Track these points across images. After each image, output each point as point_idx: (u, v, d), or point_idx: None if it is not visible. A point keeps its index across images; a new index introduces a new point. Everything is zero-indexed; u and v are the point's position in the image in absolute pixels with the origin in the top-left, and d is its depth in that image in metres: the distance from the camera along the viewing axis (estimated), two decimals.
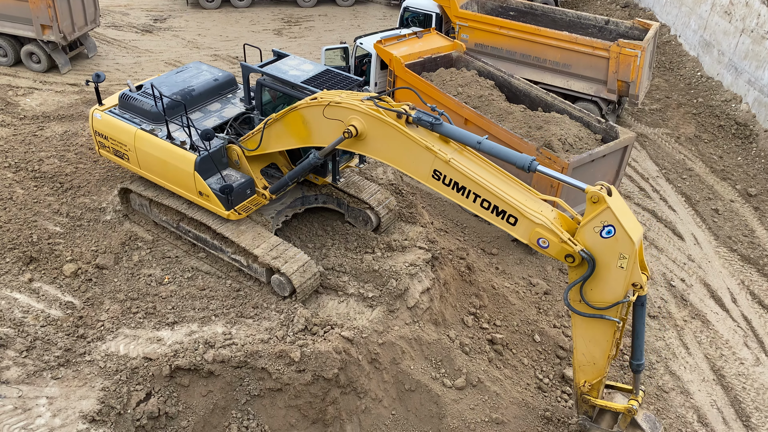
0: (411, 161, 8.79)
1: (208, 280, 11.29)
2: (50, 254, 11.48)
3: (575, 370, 9.00)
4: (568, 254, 7.84)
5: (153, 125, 11.27)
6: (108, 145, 11.87)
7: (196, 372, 9.52)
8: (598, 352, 8.49)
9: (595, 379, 8.81)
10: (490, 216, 8.35)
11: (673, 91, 20.93)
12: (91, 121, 11.90)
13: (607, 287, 7.87)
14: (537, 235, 7.97)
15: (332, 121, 9.32)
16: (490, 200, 8.26)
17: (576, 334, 8.56)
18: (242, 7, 27.46)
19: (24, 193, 12.79)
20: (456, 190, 8.52)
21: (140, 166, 11.52)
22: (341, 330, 10.05)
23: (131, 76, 20.00)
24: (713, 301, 13.48)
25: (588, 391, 9.00)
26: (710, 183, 16.98)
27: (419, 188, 15.79)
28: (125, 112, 11.67)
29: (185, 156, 10.73)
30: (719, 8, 20.86)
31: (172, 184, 11.31)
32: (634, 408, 8.96)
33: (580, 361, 8.75)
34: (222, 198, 10.64)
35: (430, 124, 8.47)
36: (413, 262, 11.49)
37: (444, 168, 8.48)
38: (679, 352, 12.28)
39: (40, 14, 18.14)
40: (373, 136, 9.04)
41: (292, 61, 11.33)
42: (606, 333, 8.26)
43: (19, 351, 9.69)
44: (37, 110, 17.13)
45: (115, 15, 25.39)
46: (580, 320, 8.34)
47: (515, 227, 8.20)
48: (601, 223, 7.54)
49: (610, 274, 7.78)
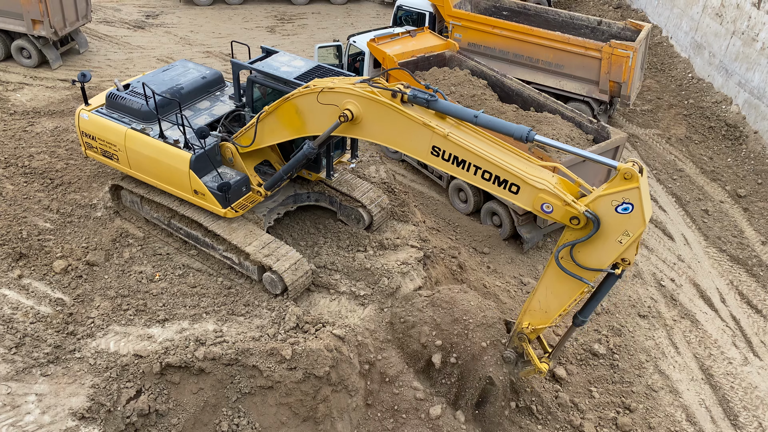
0: (409, 140, 8.79)
1: (200, 277, 11.26)
2: (40, 251, 11.41)
3: (523, 312, 9.12)
4: (573, 216, 7.81)
5: (143, 124, 11.14)
6: (96, 146, 11.64)
7: (186, 369, 9.49)
8: (556, 304, 8.68)
9: (539, 325, 9.01)
10: (492, 187, 8.33)
11: (664, 92, 21.05)
12: (77, 122, 11.65)
13: (597, 255, 7.95)
14: (541, 201, 7.95)
15: (327, 107, 9.28)
16: (491, 171, 8.26)
17: (542, 284, 8.68)
18: (235, 4, 27.36)
19: (14, 189, 12.70)
20: (456, 165, 8.51)
21: (130, 166, 11.37)
22: (333, 328, 10.05)
23: (123, 72, 19.89)
24: (702, 301, 13.59)
25: (528, 333, 9.18)
26: (700, 184, 17.10)
27: (412, 187, 15.82)
28: (113, 111, 11.45)
29: (179, 155, 10.65)
30: (710, 10, 20.99)
31: (164, 184, 11.21)
32: (544, 372, 9.38)
33: (534, 306, 8.92)
34: (219, 196, 10.59)
35: (425, 101, 8.46)
36: (405, 261, 11.51)
37: (442, 143, 8.47)
38: (669, 352, 12.37)
39: (31, 9, 18.00)
40: (369, 118, 9.01)
41: (283, 58, 11.30)
42: (573, 292, 8.42)
43: (8, 348, 9.62)
44: (27, 106, 17.00)
45: (107, 11, 25.24)
46: (554, 274, 8.44)
47: (518, 195, 8.19)
48: (621, 199, 7.53)
49: (606, 244, 7.83)
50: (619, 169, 7.46)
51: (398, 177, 16.00)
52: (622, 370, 11.84)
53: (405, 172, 16.54)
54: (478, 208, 14.87)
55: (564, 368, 11.56)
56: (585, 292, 8.32)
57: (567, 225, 7.94)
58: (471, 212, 14.98)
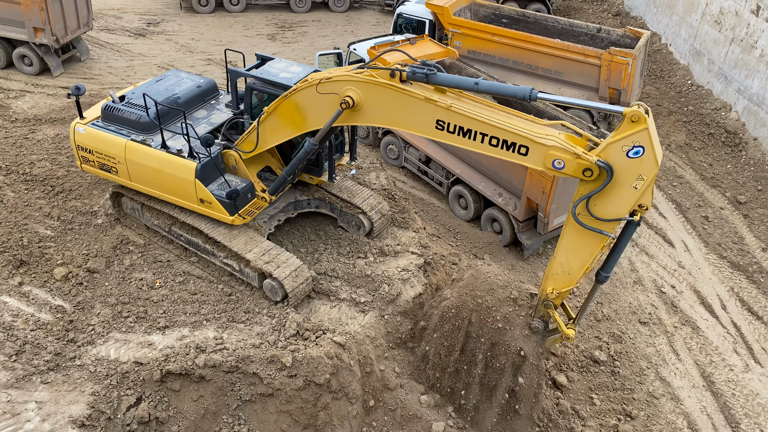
0: (412, 118, 8.78)
1: (200, 284, 11.25)
2: (41, 258, 11.41)
3: (546, 278, 9.02)
4: (585, 168, 7.80)
5: (143, 135, 11.06)
6: (93, 159, 11.47)
7: (187, 377, 9.48)
8: (578, 264, 8.58)
9: (563, 288, 8.89)
10: (501, 152, 8.30)
11: (663, 99, 21.10)
12: (72, 136, 11.47)
13: (614, 204, 7.90)
14: (551, 158, 7.94)
15: (327, 97, 9.29)
16: (498, 136, 8.24)
17: (561, 245, 8.60)
18: (236, 11, 27.48)
19: (15, 196, 12.72)
20: (462, 135, 8.48)
21: (131, 178, 11.27)
22: (333, 335, 10.04)
23: (123, 80, 19.96)
24: (703, 307, 13.57)
25: (553, 299, 9.08)
26: (700, 190, 17.12)
27: (412, 193, 15.83)
28: (110, 124, 11.31)
29: (184, 164, 10.60)
30: (709, 18, 21.07)
31: (168, 194, 11.15)
32: (571, 338, 9.25)
33: (555, 270, 8.82)
34: (227, 204, 10.59)
35: (425, 75, 8.47)
36: (406, 268, 11.51)
37: (446, 115, 8.46)
38: (670, 359, 12.35)
39: (33, 17, 18.09)
40: (371, 102, 9.02)
41: (280, 64, 11.35)
42: (593, 247, 8.32)
43: (8, 355, 9.61)
44: (28, 113, 17.05)
45: (108, 18, 25.34)
46: (572, 232, 8.38)
47: (528, 156, 8.15)
48: (632, 143, 7.52)
49: (621, 192, 7.80)
50: (626, 113, 7.47)
51: (398, 183, 16.02)
52: (623, 377, 11.82)
53: (405, 179, 16.56)
54: (478, 215, 14.88)
55: (565, 375, 11.54)
56: (606, 246, 8.25)
57: (580, 178, 7.92)
58: (471, 219, 14.99)
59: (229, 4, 27.34)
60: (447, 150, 14.98)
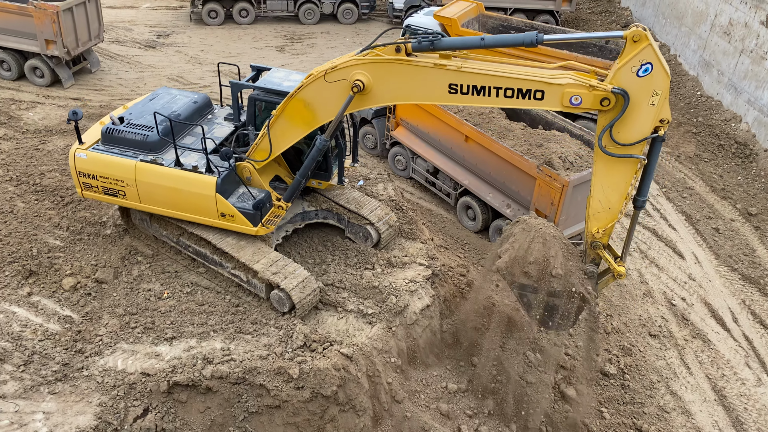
0: (424, 87, 8.92)
1: (208, 295, 11.25)
2: (50, 268, 11.46)
3: (589, 219, 9.14)
4: (603, 98, 8.04)
5: (152, 155, 10.89)
6: (96, 185, 11.14)
7: (194, 388, 9.45)
8: (616, 196, 8.77)
9: (608, 224, 9.01)
10: (518, 102, 8.53)
11: (673, 111, 21.03)
12: (73, 163, 11.06)
13: (636, 125, 8.15)
14: (568, 95, 8.19)
15: (336, 86, 9.34)
16: (512, 86, 8.45)
17: (596, 182, 8.79)
18: (245, 23, 27.70)
19: (25, 206, 12.80)
20: (476, 94, 8.66)
21: (141, 200, 11.07)
22: (340, 347, 9.99)
23: (134, 91, 20.11)
24: (714, 320, 13.43)
25: (600, 238, 9.18)
26: (711, 202, 17.00)
27: (420, 204, 15.81)
28: (112, 146, 11.02)
29: (203, 180, 10.53)
30: (719, 29, 21.02)
31: (183, 212, 10.99)
32: (624, 275, 9.34)
33: (596, 208, 8.98)
34: (251, 215, 10.60)
35: (430, 42, 8.61)
36: (413, 279, 11.46)
37: (457, 77, 8.63)
38: (680, 372, 12.21)
39: (45, 29, 18.30)
40: (381, 81, 9.12)
41: (279, 74, 11.41)
42: (627, 174, 8.55)
43: (16, 365, 9.63)
44: (39, 124, 17.21)
45: (119, 30, 25.60)
46: (603, 166, 8.58)
47: (545, 100, 8.38)
48: (639, 62, 7.75)
49: (640, 112, 8.05)
50: (626, 36, 7.70)
51: (406, 194, 16.01)
52: (633, 391, 11.69)
53: (413, 190, 16.55)
54: (486, 226, 14.83)
55: (574, 388, 11.43)
56: (638, 169, 8.49)
57: (599, 109, 8.16)
58: (479, 230, 14.94)
59: (238, 16, 27.56)
60: (455, 161, 14.96)
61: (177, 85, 20.84)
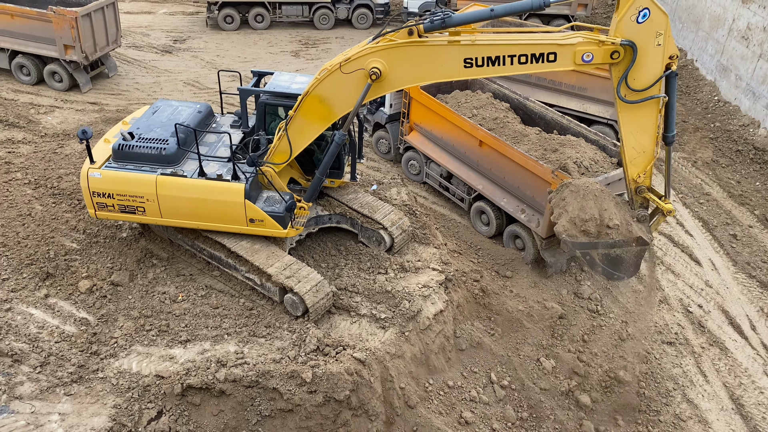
0: (440, 66, 9.30)
1: (222, 298, 11.31)
2: (66, 270, 11.58)
3: (627, 167, 9.79)
4: (613, 51, 8.70)
5: (171, 168, 10.80)
6: (112, 204, 10.86)
7: (207, 391, 9.49)
8: (647, 138, 9.47)
9: (646, 166, 9.74)
10: (532, 66, 9.03)
11: (689, 116, 20.83)
12: (86, 183, 10.73)
13: (648, 68, 8.81)
14: (580, 53, 8.80)
15: (352, 77, 9.54)
16: (525, 52, 8.95)
17: (625, 132, 9.42)
18: (261, 29, 27.86)
19: (42, 209, 12.95)
20: (491, 65, 9.12)
21: (162, 214, 10.89)
22: (353, 351, 9.99)
23: (150, 96, 20.30)
24: (732, 328, 13.25)
25: (643, 181, 9.93)
26: (728, 208, 16.80)
27: (433, 209, 15.78)
28: (126, 163, 10.80)
29: (231, 187, 10.53)
30: (736, 33, 20.81)
31: (209, 222, 10.94)
32: (673, 210, 10.02)
33: (631, 155, 9.64)
34: (281, 218, 10.69)
35: (442, 21, 8.89)
36: (426, 284, 11.44)
37: (472, 51, 9.05)
38: (697, 380, 12.06)
39: (64, 35, 18.54)
40: (397, 65, 9.37)
41: (284, 77, 11.52)
42: (652, 116, 9.24)
43: (33, 366, 9.74)
44: (57, 128, 17.42)
45: (136, 35, 25.87)
46: (628, 114, 9.23)
47: (558, 61, 8.94)
48: (636, 10, 8.34)
49: (649, 55, 8.70)
50: None
51: (420, 199, 15.99)
52: (649, 399, 11.56)
53: (426, 195, 16.52)
54: (500, 231, 14.76)
55: (588, 395, 11.33)
56: (661, 108, 9.12)
57: (610, 62, 8.82)
58: (493, 235, 14.87)
59: (253, 21, 27.72)
60: (469, 166, 14.93)
61: (193, 90, 21.01)
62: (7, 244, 11.77)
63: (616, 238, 10.06)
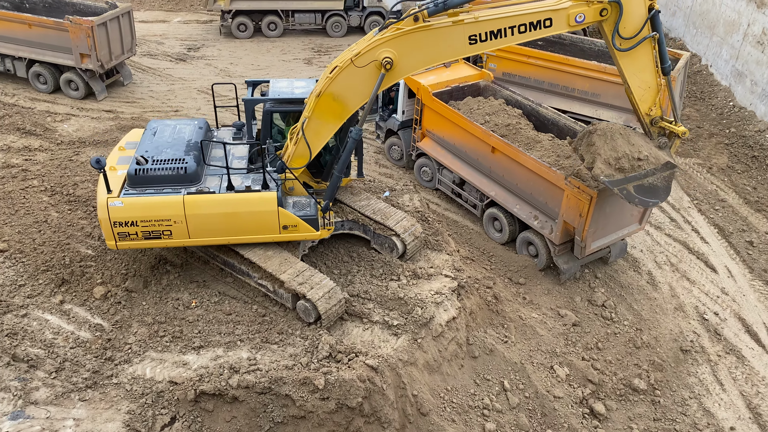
0: (447, 46, 9.93)
1: (235, 305, 11.35)
2: (81, 277, 11.68)
3: (638, 104, 10.90)
4: (602, 9, 9.87)
5: (194, 186, 10.58)
6: (135, 232, 10.41)
7: (220, 397, 9.52)
8: (648, 75, 10.63)
9: (654, 98, 10.91)
10: (531, 34, 9.95)
11: (704, 121, 20.66)
12: (105, 214, 10.19)
13: (634, 15, 9.98)
14: (573, 15, 9.85)
15: (365, 70, 9.89)
16: (523, 22, 9.85)
17: (627, 76, 10.54)
18: (274, 36, 28.05)
19: (58, 216, 13.09)
20: (494, 38, 9.92)
21: (191, 234, 10.61)
22: (366, 358, 9.98)
23: (164, 103, 20.49)
24: (748, 335, 13.09)
25: (655, 113, 11.05)
26: (744, 214, 16.62)
27: (446, 216, 15.76)
28: (145, 188, 10.42)
29: (263, 197, 10.55)
30: (752, 38, 20.64)
31: (240, 236, 10.86)
32: (686, 131, 11.13)
33: (639, 94, 10.78)
34: (314, 220, 10.89)
35: (443, 3, 9.51)
36: (439, 291, 11.42)
37: (475, 27, 9.78)
38: (713, 389, 11.91)
39: (80, 44, 18.78)
40: (407, 52, 9.85)
41: (282, 83, 11.73)
42: (648, 54, 10.43)
43: (48, 372, 9.82)
44: (73, 136, 17.62)
45: (151, 44, 26.14)
46: (627, 60, 10.37)
47: (553, 26, 9.92)
48: None
49: (632, 4, 9.83)
50: None
51: (432, 206, 15.98)
52: (664, 407, 11.43)
53: (439, 201, 16.51)
54: (513, 238, 14.71)
55: (603, 404, 11.22)
56: (654, 44, 10.28)
57: (599, 20, 9.96)
58: (506, 242, 14.82)
59: (267, 29, 27.93)
60: (481, 172, 14.90)
61: (207, 97, 21.17)
62: (24, 250, 11.90)
63: (648, 167, 10.85)
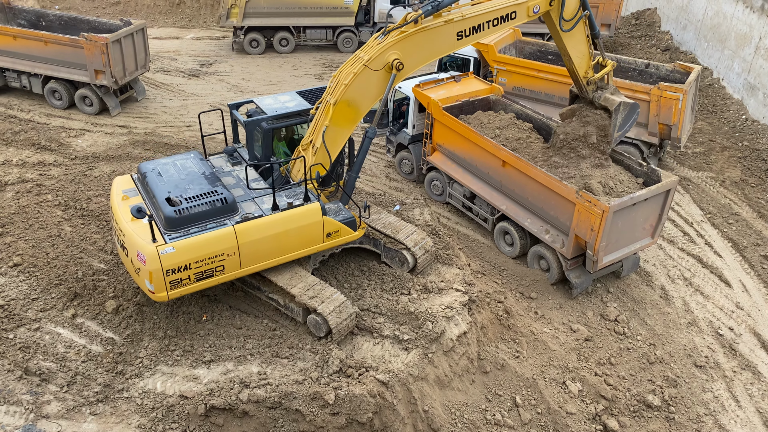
0: (440, 44, 11.12)
1: (245, 319, 11.36)
2: (94, 290, 11.75)
3: (576, 71, 12.56)
4: (551, 1, 11.51)
5: (236, 215, 10.47)
6: (188, 275, 9.97)
7: (230, 411, 9.50)
8: (583, 46, 12.43)
9: (588, 63, 12.64)
10: (501, 27, 11.44)
11: (716, 135, 20.55)
12: (158, 265, 9.58)
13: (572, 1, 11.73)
14: (531, 7, 11.44)
15: (379, 73, 10.77)
16: (496, 15, 11.32)
17: (570, 49, 12.23)
18: (285, 52, 28.32)
19: (72, 230, 13.20)
20: (475, 33, 11.28)
21: (242, 264, 10.44)
22: (376, 373, 9.94)
23: (177, 119, 20.69)
24: (764, 351, 12.90)
25: (591, 76, 12.73)
26: (758, 228, 16.45)
27: (456, 230, 15.73)
28: (186, 228, 10.02)
29: (309, 209, 10.78)
30: (764, 51, 20.57)
31: (289, 253, 10.88)
32: (614, 63, 12.88)
33: (577, 62, 12.48)
34: (353, 222, 11.41)
35: (436, 6, 10.56)
36: (450, 305, 11.37)
37: (463, 24, 11.07)
38: (729, 405, 11.73)
39: (95, 60, 19.06)
40: (411, 52, 10.87)
41: (268, 100, 12.15)
42: (582, 30, 12.24)
43: (60, 386, 9.85)
44: (87, 151, 17.83)
45: (164, 60, 26.46)
46: (568, 38, 12.10)
47: (517, 18, 11.50)
48: None
49: None
50: None
51: (442, 219, 15.96)
52: (679, 424, 11.27)
53: (449, 215, 16.49)
54: (524, 252, 14.64)
55: (616, 420, 11.08)
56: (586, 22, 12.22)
57: (548, 9, 11.60)
58: (517, 255, 14.76)
59: (278, 45, 28.21)
60: (492, 186, 14.88)
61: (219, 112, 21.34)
62: (37, 264, 12.00)
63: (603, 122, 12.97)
